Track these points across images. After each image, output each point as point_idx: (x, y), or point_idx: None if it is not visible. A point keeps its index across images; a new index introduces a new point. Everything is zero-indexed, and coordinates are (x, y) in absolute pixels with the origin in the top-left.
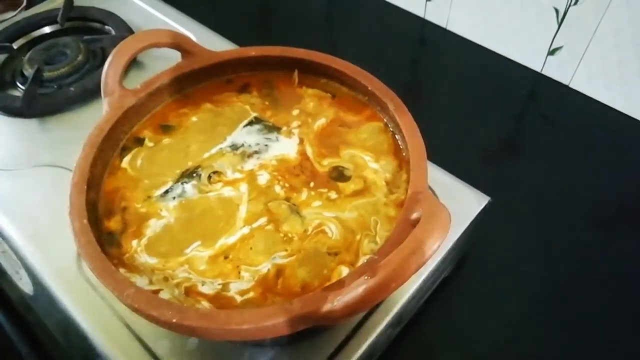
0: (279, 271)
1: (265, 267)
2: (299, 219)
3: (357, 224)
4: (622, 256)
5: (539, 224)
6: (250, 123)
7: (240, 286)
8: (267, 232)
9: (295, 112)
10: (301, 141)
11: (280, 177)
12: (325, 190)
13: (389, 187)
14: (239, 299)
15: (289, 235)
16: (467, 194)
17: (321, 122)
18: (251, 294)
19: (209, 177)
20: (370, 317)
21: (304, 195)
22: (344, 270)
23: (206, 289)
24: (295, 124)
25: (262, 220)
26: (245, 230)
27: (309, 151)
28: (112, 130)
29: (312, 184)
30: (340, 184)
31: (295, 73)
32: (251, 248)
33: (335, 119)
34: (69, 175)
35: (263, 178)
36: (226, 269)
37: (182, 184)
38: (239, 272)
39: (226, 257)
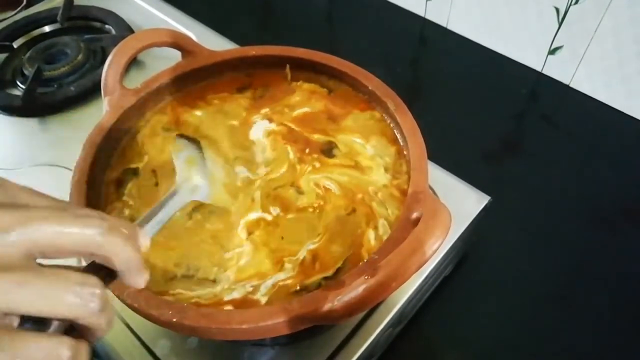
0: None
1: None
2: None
3: (353, 185)
4: (623, 256)
5: (539, 224)
6: None
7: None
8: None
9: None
10: (275, 122)
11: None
12: (317, 156)
13: (392, 172)
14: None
15: (314, 205)
16: (468, 193)
17: (302, 110)
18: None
19: None
20: (370, 317)
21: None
22: (371, 234)
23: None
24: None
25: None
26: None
27: (293, 126)
28: (112, 129)
29: (307, 150)
30: (329, 160)
31: (287, 68)
32: (282, 237)
33: (324, 110)
34: (69, 175)
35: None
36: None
37: None
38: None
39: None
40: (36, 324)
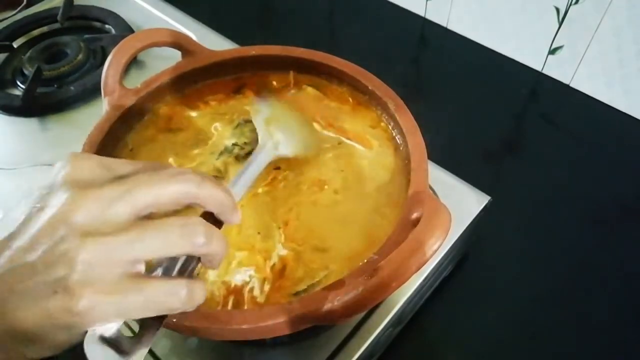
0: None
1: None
2: None
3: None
4: (623, 256)
5: (539, 224)
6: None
7: None
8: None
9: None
10: None
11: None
12: None
13: (391, 173)
14: None
15: None
16: (468, 193)
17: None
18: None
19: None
20: (370, 317)
21: None
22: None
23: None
24: None
25: None
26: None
27: None
28: (112, 129)
29: None
30: None
31: (291, 75)
32: None
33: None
34: None
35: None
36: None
37: None
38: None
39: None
40: (165, 270)
